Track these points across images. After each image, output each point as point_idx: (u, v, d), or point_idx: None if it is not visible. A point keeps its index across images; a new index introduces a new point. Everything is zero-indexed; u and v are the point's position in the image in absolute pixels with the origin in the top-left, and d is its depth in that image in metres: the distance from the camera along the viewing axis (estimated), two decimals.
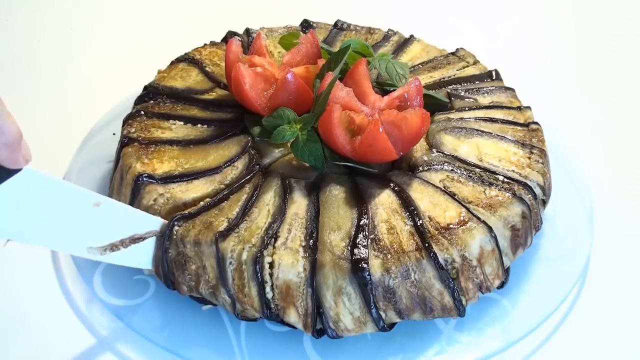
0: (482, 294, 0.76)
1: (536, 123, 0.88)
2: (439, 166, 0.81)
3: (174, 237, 0.74)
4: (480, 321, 0.77)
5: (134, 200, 0.79)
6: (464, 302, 0.74)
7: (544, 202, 0.83)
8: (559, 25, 1.37)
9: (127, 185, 0.81)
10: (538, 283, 0.81)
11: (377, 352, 0.74)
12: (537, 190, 0.81)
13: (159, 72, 0.96)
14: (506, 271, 0.79)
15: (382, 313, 0.72)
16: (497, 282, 0.77)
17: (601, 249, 0.87)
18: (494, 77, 0.95)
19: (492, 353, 0.74)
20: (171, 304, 0.78)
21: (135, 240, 0.72)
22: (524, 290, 0.81)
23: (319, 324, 0.72)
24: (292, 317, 0.72)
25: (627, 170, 1.01)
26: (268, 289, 0.72)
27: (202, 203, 0.77)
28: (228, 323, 0.76)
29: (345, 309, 0.71)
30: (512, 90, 0.94)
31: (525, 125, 0.87)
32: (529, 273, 0.83)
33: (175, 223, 0.75)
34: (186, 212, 0.76)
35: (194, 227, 0.75)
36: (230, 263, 0.72)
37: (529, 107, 0.90)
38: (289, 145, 0.83)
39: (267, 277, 0.72)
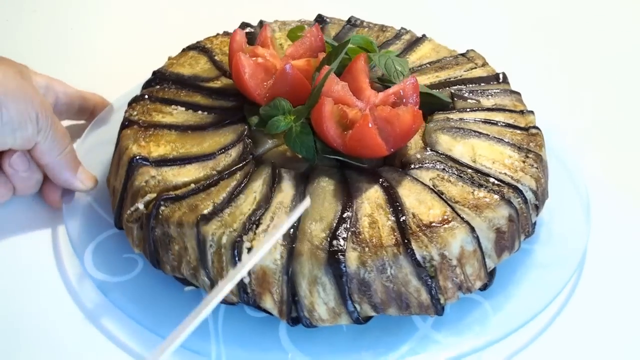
0: (463, 294, 0.76)
1: (536, 127, 0.87)
2: (431, 164, 0.81)
3: (160, 217, 0.76)
4: (459, 322, 0.77)
5: (128, 181, 0.81)
6: (442, 300, 0.74)
7: (537, 207, 0.82)
8: (567, 27, 1.36)
9: (122, 166, 0.83)
10: (525, 288, 0.81)
11: (352, 344, 0.75)
12: (529, 195, 0.80)
13: (169, 58, 0.98)
14: (490, 273, 0.78)
15: (357, 305, 0.73)
16: (478, 284, 0.77)
17: (598, 256, 0.86)
18: (500, 80, 0.94)
19: (466, 353, 0.74)
20: (156, 283, 0.79)
21: None
22: (510, 294, 0.80)
23: (294, 312, 0.73)
24: (268, 303, 0.73)
25: (630, 175, 1.00)
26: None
27: (192, 186, 0.79)
28: None
29: (319, 298, 0.72)
30: (518, 94, 0.93)
31: (525, 129, 0.87)
32: (518, 278, 0.82)
33: (162, 203, 0.76)
34: (173, 193, 0.77)
35: (179, 208, 0.76)
36: (211, 246, 0.73)
37: (531, 112, 0.89)
38: (283, 136, 0.84)
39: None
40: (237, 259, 0.72)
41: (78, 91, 0.96)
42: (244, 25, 1.04)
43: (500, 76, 0.95)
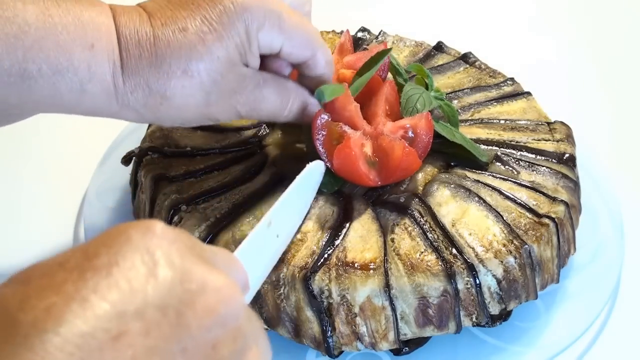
0: (365, 347, 0.72)
1: (552, 219, 0.77)
2: (407, 211, 0.76)
3: (142, 163, 0.82)
4: None
5: (149, 128, 0.88)
6: (336, 343, 0.71)
7: (500, 297, 0.73)
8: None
9: None
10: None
11: None
12: (487, 279, 0.72)
13: None
14: (414, 341, 0.73)
15: None
16: (385, 345, 0.72)
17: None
18: (562, 161, 0.84)
19: None
20: None
21: None
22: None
23: None
24: None
25: None
26: None
27: (187, 148, 0.83)
28: None
29: None
30: (571, 181, 0.82)
31: (539, 215, 0.77)
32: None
33: (149, 153, 0.82)
34: (165, 149, 0.83)
35: (158, 163, 0.81)
36: (158, 204, 0.78)
37: (564, 202, 0.79)
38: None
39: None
40: (169, 221, 0.76)
41: None
42: (363, 29, 1.04)
43: (566, 158, 0.84)
